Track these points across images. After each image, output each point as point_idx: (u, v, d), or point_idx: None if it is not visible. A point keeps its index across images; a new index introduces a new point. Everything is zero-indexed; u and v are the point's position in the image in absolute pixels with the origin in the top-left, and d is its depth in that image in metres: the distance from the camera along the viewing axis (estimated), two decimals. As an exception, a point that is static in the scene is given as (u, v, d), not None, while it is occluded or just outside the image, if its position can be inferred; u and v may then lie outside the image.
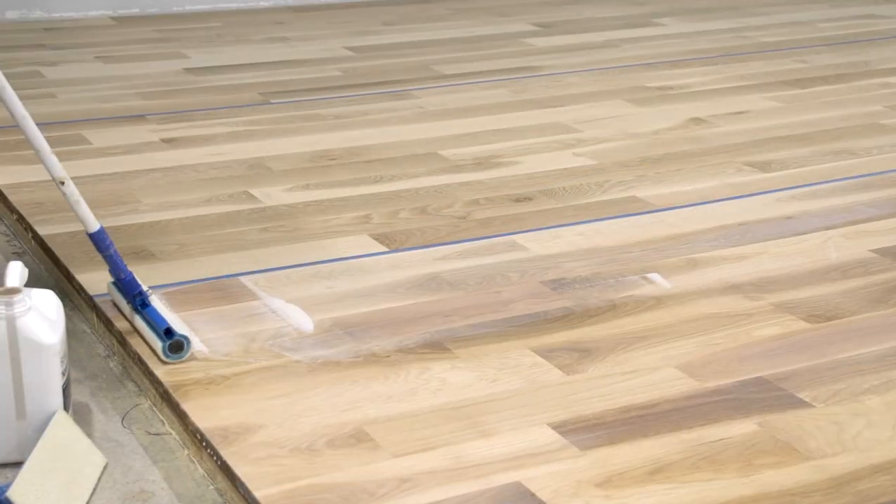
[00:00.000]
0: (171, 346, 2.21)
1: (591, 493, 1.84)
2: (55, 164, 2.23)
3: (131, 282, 2.31)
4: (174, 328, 2.22)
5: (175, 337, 2.21)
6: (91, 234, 2.27)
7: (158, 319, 2.25)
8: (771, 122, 3.75)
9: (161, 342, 2.21)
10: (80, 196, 2.26)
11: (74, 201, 2.25)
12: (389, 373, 2.20)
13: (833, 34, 5.05)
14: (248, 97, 4.00)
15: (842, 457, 1.95)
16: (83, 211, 2.26)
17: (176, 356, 2.21)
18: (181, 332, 2.22)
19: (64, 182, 2.24)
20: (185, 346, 2.22)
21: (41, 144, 2.23)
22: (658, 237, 2.83)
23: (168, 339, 2.20)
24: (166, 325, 2.22)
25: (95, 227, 2.27)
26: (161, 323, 2.23)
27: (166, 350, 2.21)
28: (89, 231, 2.27)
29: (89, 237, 2.28)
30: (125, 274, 2.31)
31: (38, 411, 1.97)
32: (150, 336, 2.25)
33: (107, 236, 2.28)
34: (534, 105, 3.93)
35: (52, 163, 2.23)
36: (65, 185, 2.24)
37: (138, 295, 2.30)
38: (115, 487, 1.94)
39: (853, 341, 2.33)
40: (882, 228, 2.89)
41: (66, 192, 2.25)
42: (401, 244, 2.78)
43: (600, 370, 2.21)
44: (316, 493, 1.84)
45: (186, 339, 2.22)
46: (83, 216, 2.26)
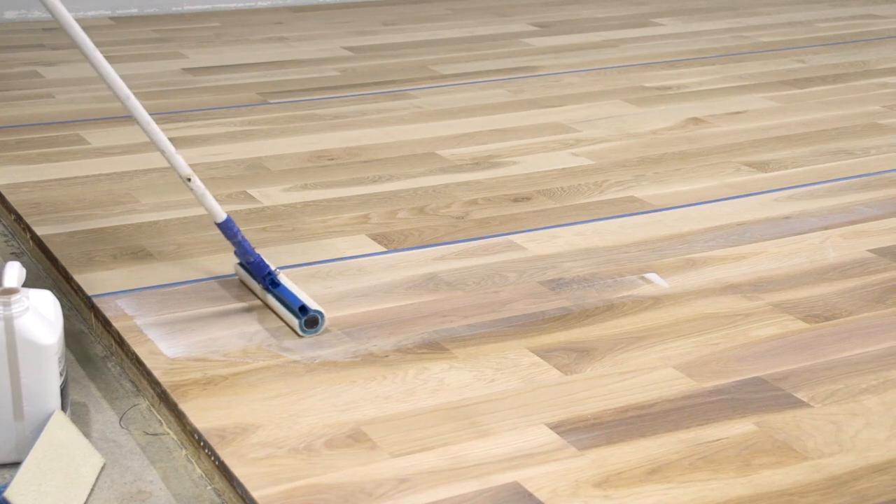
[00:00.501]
0: (307, 322, 2.31)
1: (589, 493, 1.84)
2: (181, 164, 2.37)
3: (259, 264, 2.42)
4: (308, 304, 2.31)
5: (310, 313, 2.31)
6: (219, 223, 2.40)
7: (292, 298, 2.34)
8: (769, 122, 3.76)
9: (297, 319, 2.31)
10: (205, 189, 2.39)
11: (201, 195, 2.38)
12: (387, 373, 2.20)
13: (831, 34, 5.06)
14: (246, 97, 4.00)
15: (839, 457, 1.95)
16: (210, 203, 2.39)
17: (312, 331, 2.31)
18: (314, 308, 2.32)
19: (190, 179, 2.37)
20: (319, 320, 2.32)
21: (166, 145, 2.36)
22: (656, 237, 2.83)
23: (304, 315, 2.30)
24: (300, 303, 2.32)
25: (223, 217, 2.40)
26: (295, 301, 2.33)
27: (303, 326, 2.31)
28: (217, 221, 2.40)
29: (217, 226, 2.41)
30: (254, 257, 2.42)
31: (36, 412, 1.97)
32: (284, 313, 2.35)
33: (234, 224, 2.41)
34: (532, 105, 3.93)
35: (178, 162, 2.37)
36: (191, 181, 2.37)
37: (268, 275, 2.41)
38: (113, 488, 1.94)
39: (851, 341, 2.34)
40: (880, 228, 2.89)
41: (193, 188, 2.38)
42: (399, 244, 2.78)
43: (598, 370, 2.21)
44: (314, 493, 1.84)
45: (321, 313, 2.32)
46: (210, 208, 2.39)
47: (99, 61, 2.32)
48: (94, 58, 2.32)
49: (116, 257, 2.69)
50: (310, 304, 2.33)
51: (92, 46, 2.31)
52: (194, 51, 4.67)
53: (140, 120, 2.35)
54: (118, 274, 2.60)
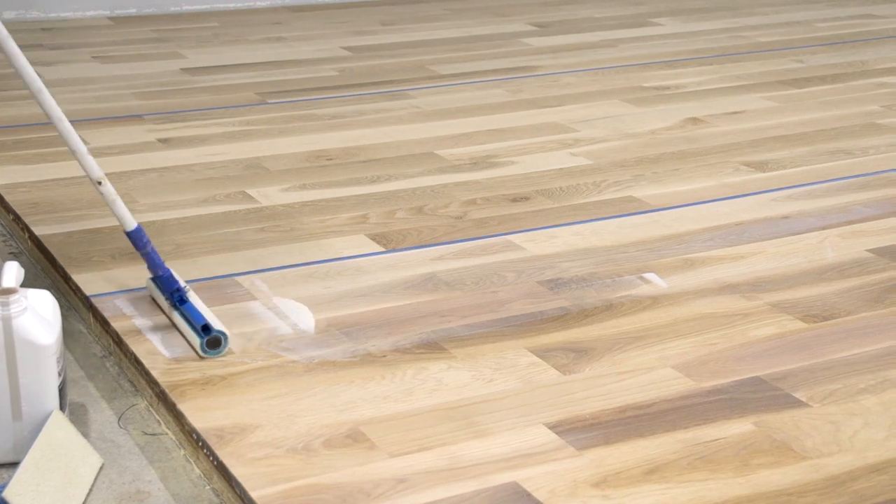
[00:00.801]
0: (208, 342, 2.23)
1: (587, 493, 1.84)
2: (92, 165, 2.27)
3: (168, 278, 2.35)
4: (211, 324, 2.25)
5: (213, 333, 2.23)
6: (128, 232, 2.32)
7: (196, 316, 2.28)
8: (767, 122, 3.76)
9: (199, 338, 2.24)
10: (116, 195, 2.30)
11: (111, 200, 2.30)
12: (386, 373, 2.20)
13: (830, 34, 5.06)
14: (244, 97, 4.00)
15: (838, 456, 1.95)
16: (120, 210, 2.30)
17: (214, 352, 2.24)
18: (218, 328, 2.25)
19: (101, 182, 2.28)
20: (222, 341, 2.24)
21: (77, 145, 2.27)
22: (654, 237, 2.83)
23: (206, 335, 2.23)
24: (204, 322, 2.25)
25: (133, 225, 2.32)
26: (199, 319, 2.26)
27: (204, 346, 2.23)
28: (126, 230, 2.32)
29: (126, 235, 2.33)
30: (162, 271, 2.35)
31: (35, 412, 1.97)
32: (188, 332, 2.28)
33: (144, 234, 2.33)
34: (530, 105, 3.93)
35: (89, 163, 2.27)
36: (102, 185, 2.28)
37: (176, 291, 2.34)
38: (112, 488, 1.94)
39: (849, 341, 2.34)
40: (878, 228, 2.89)
41: (102, 192, 2.29)
42: (397, 244, 2.78)
43: (597, 370, 2.21)
44: (312, 493, 1.84)
45: (224, 334, 2.25)
46: (120, 215, 2.31)
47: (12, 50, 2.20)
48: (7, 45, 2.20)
49: (115, 257, 2.69)
50: (214, 324, 2.25)
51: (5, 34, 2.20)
52: (193, 51, 4.67)
53: (52, 116, 2.26)
54: (117, 274, 2.60)
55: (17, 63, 2.21)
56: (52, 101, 2.26)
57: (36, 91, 2.24)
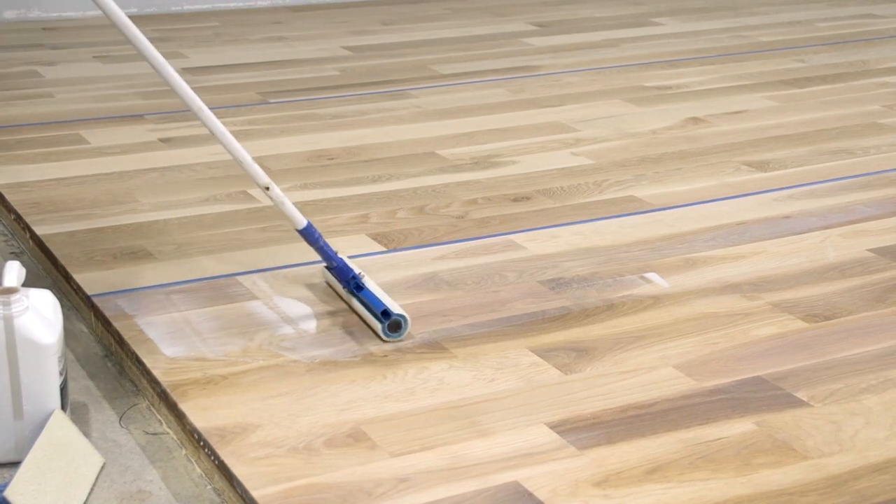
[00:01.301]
0: (390, 326, 2.30)
1: (588, 493, 1.84)
2: (258, 172, 2.37)
3: (343, 268, 2.42)
4: (391, 309, 2.31)
5: (393, 317, 2.30)
6: (300, 230, 2.40)
7: (375, 302, 2.34)
8: (769, 122, 3.76)
9: (380, 323, 2.30)
10: (285, 197, 2.39)
11: (280, 202, 2.38)
12: (387, 372, 2.20)
13: (831, 34, 5.06)
14: (245, 97, 4.00)
15: (839, 456, 1.95)
16: (290, 210, 2.39)
17: (395, 335, 2.31)
18: (397, 312, 2.30)
19: (269, 188, 2.37)
20: (402, 324, 2.30)
21: (243, 156, 2.37)
22: (656, 237, 2.83)
23: (386, 319, 2.30)
24: (384, 307, 2.31)
25: (303, 223, 2.40)
26: (378, 305, 2.32)
27: (386, 330, 2.30)
28: (297, 228, 2.40)
29: (298, 233, 2.40)
30: (336, 261, 2.42)
31: (36, 411, 1.97)
32: (368, 317, 2.35)
33: (315, 230, 2.41)
34: (532, 105, 3.93)
35: (256, 171, 2.37)
36: (270, 189, 2.37)
37: (352, 279, 2.40)
38: (113, 487, 1.94)
39: (851, 341, 2.34)
40: (880, 228, 2.89)
41: (272, 196, 2.38)
42: (399, 244, 2.78)
43: (598, 370, 2.21)
44: (313, 492, 1.84)
45: (404, 317, 2.31)
46: (291, 214, 2.39)
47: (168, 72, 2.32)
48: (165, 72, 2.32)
49: (116, 257, 2.69)
50: (393, 309, 2.31)
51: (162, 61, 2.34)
52: (194, 50, 4.67)
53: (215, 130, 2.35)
54: (118, 273, 2.60)
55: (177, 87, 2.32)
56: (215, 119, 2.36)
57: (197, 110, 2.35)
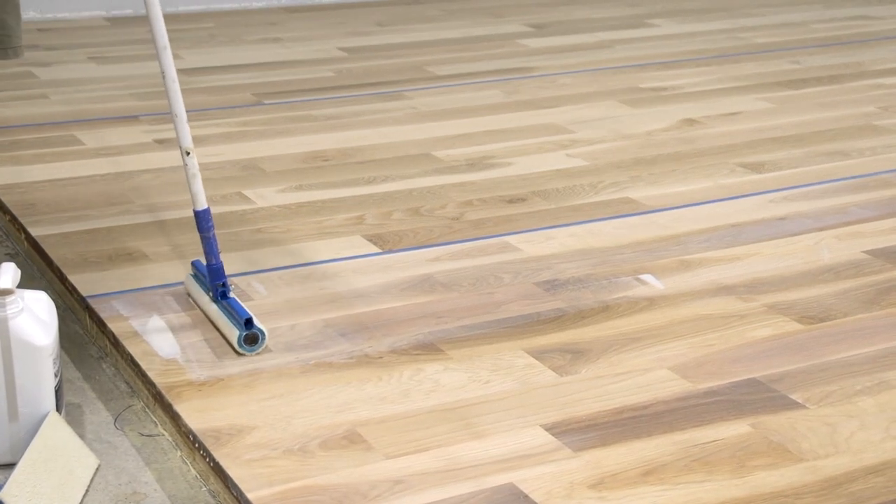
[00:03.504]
0: (246, 338, 2.23)
1: (584, 495, 1.84)
2: (186, 134, 2.27)
3: (219, 270, 2.34)
4: (255, 320, 2.24)
5: (253, 329, 2.23)
6: (197, 211, 2.31)
7: (240, 309, 2.27)
8: (764, 123, 3.76)
9: (239, 331, 2.23)
10: (198, 171, 2.29)
11: (192, 175, 2.29)
12: (382, 374, 2.20)
13: (826, 35, 5.06)
14: (241, 98, 4.00)
15: (835, 458, 1.95)
16: (197, 186, 2.29)
17: (250, 348, 2.23)
18: (259, 326, 2.24)
19: (189, 153, 2.28)
20: (259, 339, 2.24)
21: (180, 109, 2.28)
22: (651, 238, 2.83)
23: (247, 329, 2.23)
24: (248, 316, 2.24)
25: (203, 206, 2.31)
26: (243, 313, 2.25)
27: (241, 340, 2.23)
28: (196, 208, 2.31)
29: (195, 213, 2.32)
30: (216, 260, 2.33)
31: (31, 413, 1.97)
32: (224, 325, 2.28)
33: (210, 218, 2.31)
34: (527, 106, 3.93)
35: (184, 131, 2.27)
36: (189, 155, 2.28)
37: (222, 285, 2.33)
38: (108, 489, 1.94)
39: (846, 342, 2.34)
40: (875, 230, 2.90)
41: (187, 163, 2.29)
42: (394, 245, 2.78)
43: (593, 371, 2.21)
44: (309, 494, 1.84)
45: (263, 332, 2.24)
46: (195, 191, 2.29)
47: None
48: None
49: (111, 258, 2.69)
50: (256, 321, 2.24)
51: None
52: (189, 51, 4.66)
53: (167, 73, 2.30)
54: (113, 275, 2.60)
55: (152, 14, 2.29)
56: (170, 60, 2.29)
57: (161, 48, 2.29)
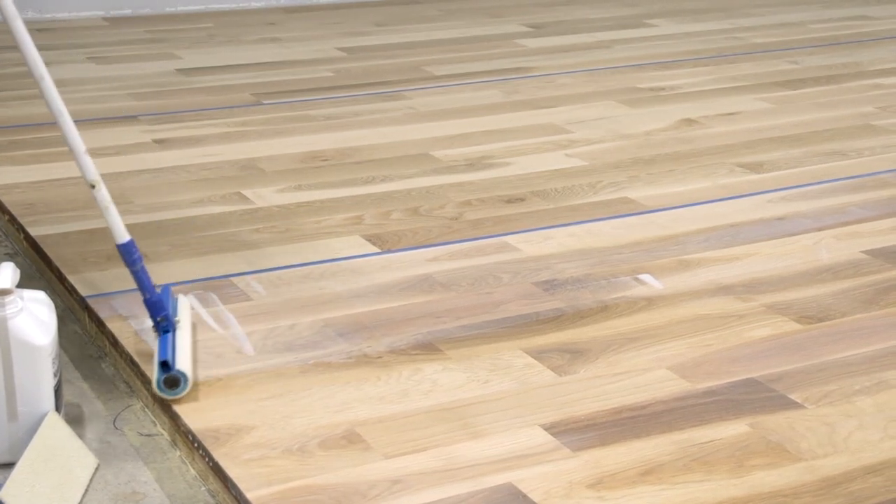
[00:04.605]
0: (166, 381, 2.06)
1: (582, 495, 1.85)
2: (88, 166, 2.09)
3: (157, 303, 2.15)
4: (172, 362, 2.06)
5: (171, 372, 2.06)
6: (119, 245, 2.12)
7: (163, 350, 2.09)
8: (762, 123, 3.76)
9: (157, 373, 2.07)
10: (110, 202, 2.11)
11: (104, 207, 2.11)
12: (381, 374, 2.20)
13: (825, 35, 5.06)
14: (239, 98, 4.00)
15: (833, 458, 1.95)
16: (113, 218, 2.11)
17: (171, 392, 2.06)
18: (180, 369, 2.06)
19: (95, 186, 2.09)
20: (181, 383, 2.06)
21: (76, 143, 2.08)
22: (649, 238, 2.84)
23: (164, 372, 2.06)
24: (164, 357, 2.07)
25: (124, 238, 2.11)
26: (163, 353, 2.08)
27: (160, 383, 2.07)
28: (117, 242, 2.12)
29: (117, 248, 2.13)
30: (150, 294, 2.14)
31: (30, 413, 1.97)
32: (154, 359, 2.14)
33: (136, 250, 2.12)
34: (526, 106, 3.93)
35: (86, 163, 2.09)
36: (96, 188, 2.09)
37: (163, 319, 2.15)
38: (107, 488, 1.94)
39: (844, 342, 2.34)
40: (873, 230, 2.90)
41: (96, 197, 2.10)
42: (393, 245, 2.78)
43: (592, 371, 2.22)
44: (307, 494, 1.84)
45: (185, 376, 2.06)
46: (112, 224, 2.11)
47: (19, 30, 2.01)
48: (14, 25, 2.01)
49: (110, 258, 2.69)
50: (180, 365, 2.06)
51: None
52: (187, 51, 4.67)
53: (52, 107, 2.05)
54: (112, 274, 2.60)
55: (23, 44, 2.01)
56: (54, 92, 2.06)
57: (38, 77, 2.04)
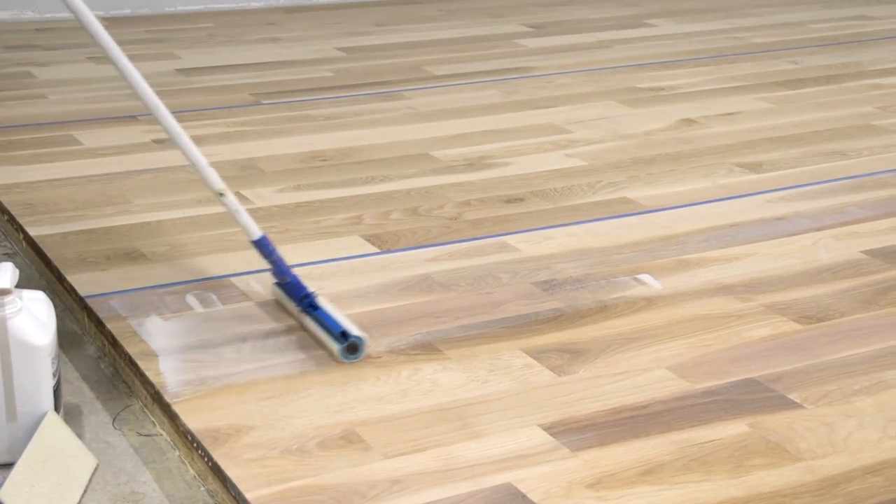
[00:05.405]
0: (348, 348, 2.23)
1: (582, 495, 1.85)
2: (213, 177, 2.29)
3: (296, 285, 2.34)
4: (349, 330, 2.24)
5: (351, 339, 2.23)
6: (254, 241, 2.32)
7: (331, 322, 2.27)
8: (762, 123, 3.76)
9: (338, 345, 2.23)
10: (239, 206, 2.31)
11: (234, 211, 2.31)
12: (381, 374, 2.20)
13: (824, 35, 5.06)
14: (239, 98, 4.00)
15: (832, 458, 1.95)
16: (245, 220, 2.31)
17: (353, 357, 2.23)
18: (355, 334, 2.24)
19: (223, 194, 2.30)
20: (359, 347, 2.24)
21: (197, 158, 2.28)
22: (649, 238, 2.83)
23: (344, 341, 2.23)
24: (341, 329, 2.24)
25: (258, 234, 2.32)
26: (335, 327, 2.25)
27: (344, 352, 2.23)
28: (251, 238, 2.32)
29: (252, 244, 2.33)
30: (290, 277, 2.35)
31: (29, 413, 1.97)
32: (323, 337, 2.28)
33: (270, 243, 2.33)
34: (525, 106, 3.93)
35: (210, 175, 2.29)
36: (224, 196, 2.30)
37: (304, 298, 2.33)
38: (106, 489, 1.94)
39: (844, 342, 2.34)
40: (873, 230, 2.90)
41: (225, 203, 2.31)
42: (392, 245, 2.78)
43: (591, 371, 2.22)
44: (307, 494, 1.84)
45: (361, 339, 2.24)
46: (245, 225, 2.31)
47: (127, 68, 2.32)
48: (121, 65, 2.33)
49: (110, 258, 2.69)
50: (351, 330, 2.25)
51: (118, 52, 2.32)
52: (187, 51, 4.66)
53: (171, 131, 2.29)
54: (111, 274, 2.60)
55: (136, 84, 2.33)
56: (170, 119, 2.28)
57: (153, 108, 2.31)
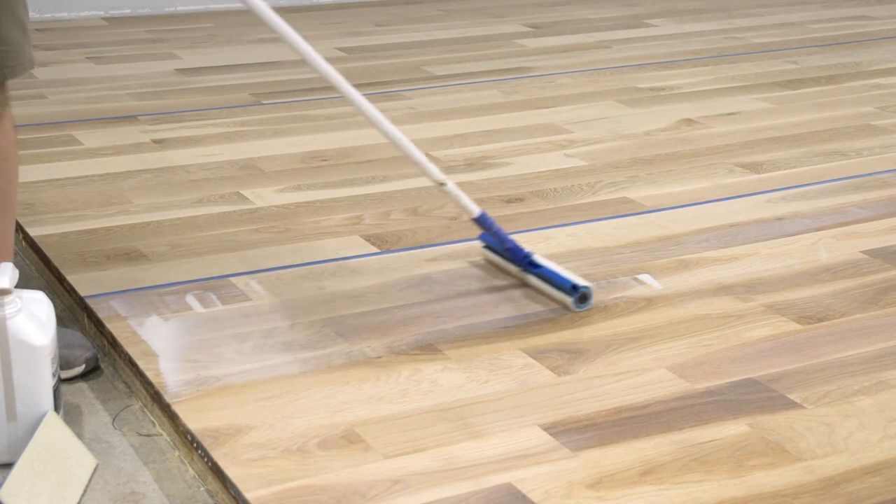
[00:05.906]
0: (580, 298, 2.44)
1: (582, 495, 1.84)
2: (434, 170, 2.48)
3: (517, 249, 2.54)
4: (577, 282, 2.45)
5: (581, 290, 2.44)
6: (475, 218, 2.52)
7: (558, 278, 2.48)
8: (762, 124, 3.76)
9: (570, 297, 2.44)
10: (459, 191, 2.50)
11: (455, 196, 2.50)
12: (381, 374, 2.20)
13: (824, 35, 5.06)
14: (239, 98, 4.00)
15: (832, 458, 1.95)
16: (464, 201, 2.51)
17: (584, 305, 2.45)
18: (584, 284, 2.45)
19: (444, 184, 2.47)
20: (589, 295, 2.45)
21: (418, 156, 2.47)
22: (649, 238, 2.83)
23: (575, 293, 2.43)
24: (571, 283, 2.45)
25: (477, 212, 2.52)
26: (564, 282, 2.46)
27: (577, 303, 2.44)
28: (473, 216, 2.52)
29: (474, 221, 2.53)
30: (510, 244, 2.55)
31: (29, 413, 1.97)
32: (551, 291, 2.49)
33: (488, 217, 2.53)
34: (525, 106, 3.93)
35: (431, 169, 2.48)
36: (445, 185, 2.48)
37: (525, 258, 2.54)
38: (106, 489, 1.94)
39: (844, 342, 2.34)
40: (873, 230, 2.90)
41: (447, 192, 2.49)
42: (392, 245, 2.78)
43: (591, 371, 2.22)
44: (307, 494, 1.84)
45: (589, 288, 2.45)
46: (465, 205, 2.51)
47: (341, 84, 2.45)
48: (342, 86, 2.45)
49: (109, 258, 2.69)
50: (578, 282, 2.44)
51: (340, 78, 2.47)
52: (187, 51, 4.67)
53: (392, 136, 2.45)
54: (111, 275, 2.60)
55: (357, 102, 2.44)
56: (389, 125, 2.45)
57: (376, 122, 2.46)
